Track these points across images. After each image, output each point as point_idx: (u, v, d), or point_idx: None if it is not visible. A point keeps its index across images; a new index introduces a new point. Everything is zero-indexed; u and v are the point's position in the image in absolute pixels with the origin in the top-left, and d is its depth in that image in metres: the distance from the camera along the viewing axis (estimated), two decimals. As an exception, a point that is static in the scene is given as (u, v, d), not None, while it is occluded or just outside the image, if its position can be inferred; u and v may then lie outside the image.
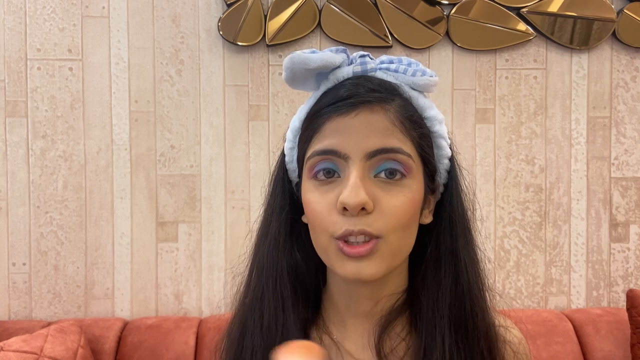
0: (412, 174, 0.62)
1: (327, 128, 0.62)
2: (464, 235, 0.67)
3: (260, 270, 0.69)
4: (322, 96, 0.65)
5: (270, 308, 0.67)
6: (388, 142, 0.61)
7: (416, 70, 0.65)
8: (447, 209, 0.67)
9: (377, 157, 0.61)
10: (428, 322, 0.64)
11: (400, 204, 0.61)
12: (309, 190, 0.64)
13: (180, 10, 1.74)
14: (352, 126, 0.61)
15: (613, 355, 1.59)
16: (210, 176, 1.75)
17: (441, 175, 0.68)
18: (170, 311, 1.75)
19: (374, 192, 0.60)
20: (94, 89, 1.73)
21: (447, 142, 0.67)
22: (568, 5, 1.79)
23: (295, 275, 0.68)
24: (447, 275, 0.65)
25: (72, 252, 1.73)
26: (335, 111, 0.62)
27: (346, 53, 0.66)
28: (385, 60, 0.66)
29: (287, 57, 0.63)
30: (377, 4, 1.75)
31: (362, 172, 0.60)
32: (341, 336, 0.68)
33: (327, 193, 0.62)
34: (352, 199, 0.59)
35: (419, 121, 0.64)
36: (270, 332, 0.66)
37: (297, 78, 0.65)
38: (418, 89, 0.65)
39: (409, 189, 0.62)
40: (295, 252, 0.68)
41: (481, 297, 0.67)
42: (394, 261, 0.63)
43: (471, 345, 0.64)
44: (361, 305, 0.67)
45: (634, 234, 1.84)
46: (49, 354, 1.36)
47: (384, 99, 0.62)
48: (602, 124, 1.83)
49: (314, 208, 0.63)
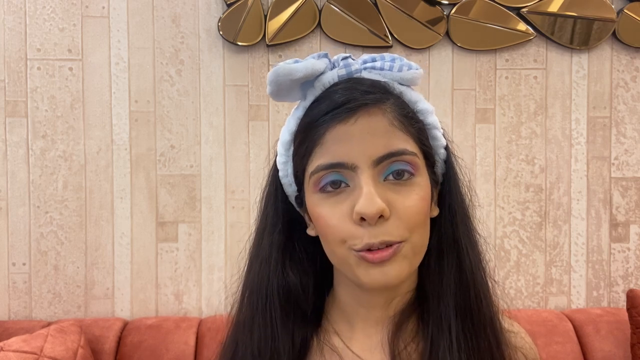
0: (420, 171, 0.62)
1: (327, 139, 0.60)
2: (464, 223, 0.67)
3: (251, 292, 0.67)
4: (314, 105, 0.63)
5: (260, 330, 0.65)
6: (393, 145, 0.60)
7: (401, 65, 0.64)
8: (446, 198, 0.67)
9: (384, 162, 0.60)
10: (434, 312, 0.64)
11: (414, 203, 0.60)
12: (317, 204, 0.62)
13: (180, 10, 1.74)
14: (354, 133, 0.59)
15: (613, 355, 1.59)
16: (210, 176, 1.75)
17: (439, 165, 0.67)
18: (170, 311, 1.75)
19: (387, 197, 0.59)
20: (94, 89, 1.73)
21: (440, 132, 0.66)
22: (568, 5, 1.79)
23: (288, 295, 0.66)
24: (450, 263, 0.65)
25: (72, 252, 1.73)
26: (334, 119, 0.60)
27: (327, 57, 0.64)
28: (367, 59, 0.65)
29: (271, 71, 0.62)
30: (377, 4, 1.75)
31: (372, 179, 0.59)
32: (348, 340, 0.67)
33: (338, 204, 0.60)
34: (369, 209, 0.57)
35: (414, 116, 0.63)
36: (260, 356, 0.65)
37: (282, 90, 0.63)
38: (406, 84, 0.64)
39: (419, 186, 0.61)
40: (287, 270, 0.66)
41: (484, 283, 0.67)
42: (416, 260, 0.63)
43: (478, 332, 0.64)
44: (373, 312, 0.66)
45: (634, 234, 1.84)
46: (49, 354, 1.36)
47: (379, 100, 0.61)
48: (602, 124, 1.83)
49: (326, 222, 0.61)
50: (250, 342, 0.66)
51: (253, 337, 0.66)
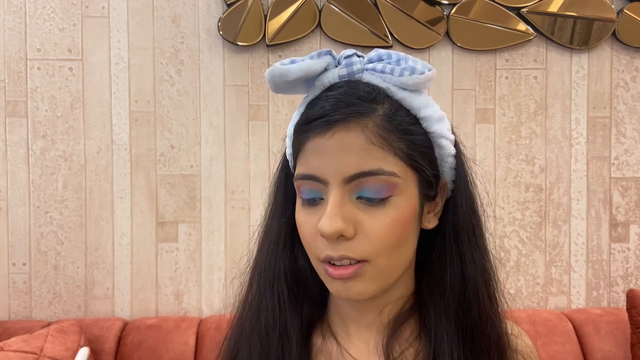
0: (398, 190, 0.59)
1: (308, 148, 0.60)
2: (471, 237, 0.64)
3: (259, 274, 0.68)
4: (308, 107, 0.62)
5: (267, 312, 0.66)
6: (365, 165, 0.57)
7: (404, 69, 0.60)
8: (451, 209, 0.65)
9: (355, 181, 0.58)
10: (436, 327, 0.62)
11: (384, 226, 0.58)
12: (298, 210, 0.63)
13: (180, 10, 1.74)
14: (328, 148, 0.58)
15: (613, 355, 1.59)
16: (210, 176, 1.75)
17: (447, 174, 0.64)
18: (170, 311, 1.75)
19: (355, 216, 0.58)
20: (94, 89, 1.73)
21: (448, 140, 0.63)
22: (568, 5, 1.79)
23: (296, 278, 0.66)
24: (453, 280, 0.63)
25: (72, 252, 1.73)
26: (313, 130, 0.59)
27: (331, 55, 0.62)
28: (373, 58, 0.62)
29: (267, 71, 0.61)
30: (377, 4, 1.75)
31: (340, 197, 0.58)
32: (345, 342, 0.66)
33: (311, 216, 0.61)
34: (326, 228, 0.57)
35: (408, 127, 0.60)
36: (268, 337, 0.65)
37: (281, 89, 0.62)
38: (408, 89, 0.60)
39: (394, 208, 0.59)
40: (297, 255, 0.66)
41: (490, 303, 0.64)
42: (385, 281, 0.61)
43: (480, 351, 0.62)
44: (365, 315, 0.66)
45: (634, 234, 1.84)
46: (49, 354, 1.36)
47: (362, 113, 0.58)
48: (602, 124, 1.83)
49: (302, 230, 0.62)
50: (257, 323, 0.66)
51: (260, 318, 0.66)
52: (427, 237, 0.65)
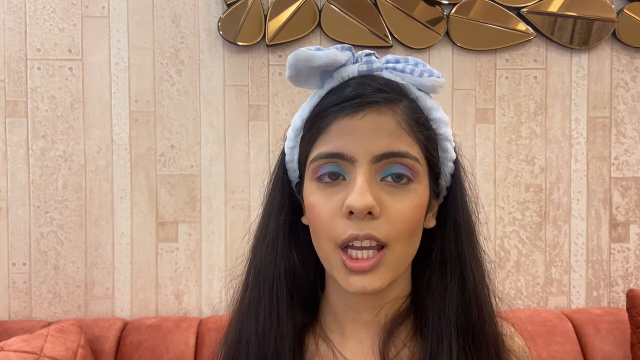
0: (419, 178, 0.61)
1: (332, 129, 0.60)
2: (469, 239, 0.66)
3: (257, 273, 0.67)
4: (327, 95, 0.63)
5: (265, 312, 0.65)
6: (396, 146, 0.59)
7: (423, 70, 0.63)
8: (451, 212, 0.66)
9: (384, 161, 0.59)
10: (434, 328, 0.63)
11: (407, 209, 0.59)
12: (312, 192, 0.62)
13: (180, 10, 1.74)
14: (359, 128, 0.59)
15: (613, 355, 1.59)
16: (210, 176, 1.75)
17: (445, 178, 0.66)
18: (170, 311, 1.75)
19: (380, 197, 0.59)
20: (94, 89, 1.73)
21: (452, 145, 0.65)
22: (568, 5, 1.79)
23: (293, 279, 0.66)
24: (453, 280, 0.64)
25: (72, 252, 1.73)
26: (342, 112, 0.60)
27: (351, 51, 0.64)
28: (391, 59, 0.65)
29: (292, 54, 0.61)
30: (377, 4, 1.75)
31: (368, 175, 0.59)
32: (339, 343, 0.66)
33: (332, 196, 0.60)
34: (358, 202, 0.57)
35: (426, 123, 0.63)
36: (264, 337, 0.64)
37: (301, 75, 0.63)
38: (424, 90, 0.64)
39: (415, 193, 0.60)
40: (293, 254, 0.66)
41: (488, 302, 0.66)
42: (398, 270, 0.62)
43: (479, 352, 0.63)
44: (362, 315, 0.66)
45: (634, 234, 1.84)
46: (49, 354, 1.36)
47: (391, 100, 0.60)
48: (602, 124, 1.83)
49: (318, 213, 0.61)
50: (255, 323, 0.66)
51: (259, 319, 0.65)
52: (422, 241, 0.65)
